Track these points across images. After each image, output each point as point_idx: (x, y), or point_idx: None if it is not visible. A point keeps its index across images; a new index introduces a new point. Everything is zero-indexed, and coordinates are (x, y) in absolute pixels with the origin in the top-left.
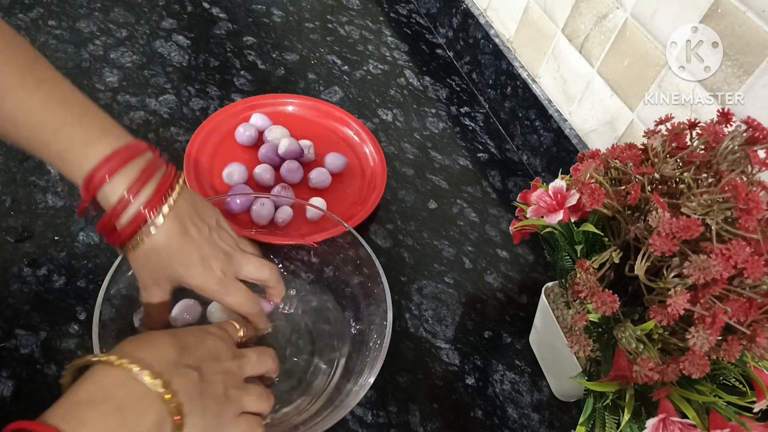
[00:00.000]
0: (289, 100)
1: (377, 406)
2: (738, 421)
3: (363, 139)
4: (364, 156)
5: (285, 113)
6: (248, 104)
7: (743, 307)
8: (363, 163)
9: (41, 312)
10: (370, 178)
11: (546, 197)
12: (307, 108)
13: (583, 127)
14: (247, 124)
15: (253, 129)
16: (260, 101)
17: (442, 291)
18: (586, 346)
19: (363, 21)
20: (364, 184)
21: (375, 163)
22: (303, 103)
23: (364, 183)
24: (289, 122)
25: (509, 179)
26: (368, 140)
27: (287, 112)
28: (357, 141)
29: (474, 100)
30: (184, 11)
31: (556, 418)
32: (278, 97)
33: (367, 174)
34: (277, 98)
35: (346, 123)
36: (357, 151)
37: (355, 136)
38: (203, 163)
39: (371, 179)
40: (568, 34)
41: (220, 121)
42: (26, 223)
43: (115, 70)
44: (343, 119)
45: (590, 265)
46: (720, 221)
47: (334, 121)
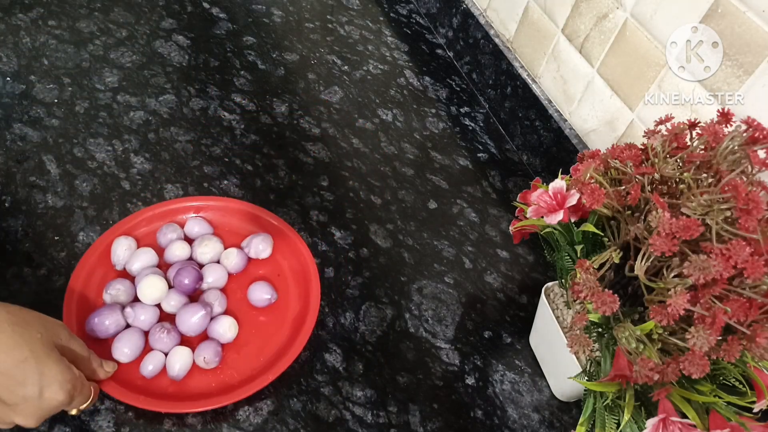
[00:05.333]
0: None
1: (377, 406)
2: (738, 421)
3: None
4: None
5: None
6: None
7: (743, 307)
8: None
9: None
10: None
11: (546, 197)
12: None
13: (583, 127)
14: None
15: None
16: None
17: (442, 291)
18: (586, 346)
19: (363, 21)
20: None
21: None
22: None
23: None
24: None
25: (509, 179)
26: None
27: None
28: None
29: (474, 100)
30: (184, 11)
31: (556, 418)
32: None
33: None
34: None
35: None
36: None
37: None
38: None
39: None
40: (568, 34)
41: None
42: (26, 223)
43: (115, 70)
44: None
45: (590, 265)
46: (720, 221)
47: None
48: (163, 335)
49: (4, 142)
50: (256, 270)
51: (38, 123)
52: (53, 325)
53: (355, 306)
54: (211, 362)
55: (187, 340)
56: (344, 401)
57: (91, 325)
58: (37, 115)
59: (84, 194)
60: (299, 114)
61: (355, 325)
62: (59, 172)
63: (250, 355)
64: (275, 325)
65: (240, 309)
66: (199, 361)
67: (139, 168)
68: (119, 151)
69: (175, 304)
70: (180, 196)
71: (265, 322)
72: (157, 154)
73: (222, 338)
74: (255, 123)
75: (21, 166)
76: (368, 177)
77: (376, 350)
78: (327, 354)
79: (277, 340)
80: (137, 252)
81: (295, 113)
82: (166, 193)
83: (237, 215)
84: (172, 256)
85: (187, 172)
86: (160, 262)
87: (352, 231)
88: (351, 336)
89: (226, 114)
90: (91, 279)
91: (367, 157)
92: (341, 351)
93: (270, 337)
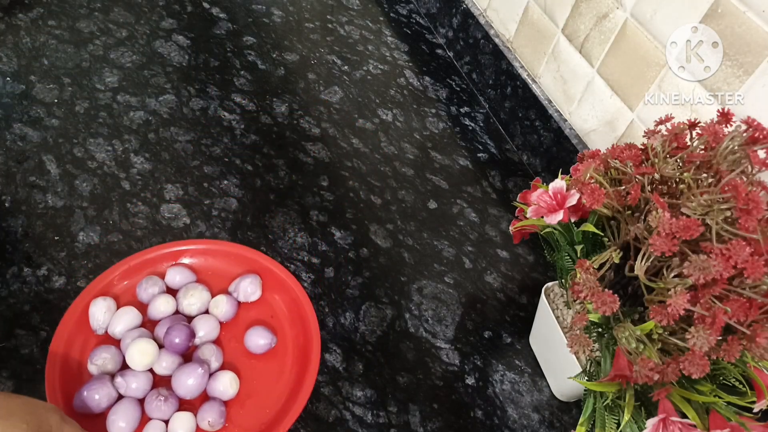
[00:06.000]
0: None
1: (377, 406)
2: (738, 421)
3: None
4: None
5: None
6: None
7: (743, 307)
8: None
9: (41, 312)
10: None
11: (546, 197)
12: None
13: (583, 127)
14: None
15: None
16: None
17: (442, 291)
18: (586, 346)
19: (363, 21)
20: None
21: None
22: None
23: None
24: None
25: (509, 179)
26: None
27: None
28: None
29: (474, 100)
30: (184, 11)
31: (556, 418)
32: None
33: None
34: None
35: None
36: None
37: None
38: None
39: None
40: (568, 34)
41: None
42: (26, 223)
43: (115, 70)
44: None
45: (590, 265)
46: (720, 221)
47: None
48: (161, 403)
49: (4, 142)
50: (248, 314)
51: (38, 123)
52: (41, 410)
53: (355, 306)
54: (217, 424)
55: (186, 403)
56: (344, 401)
57: (80, 401)
58: (37, 115)
59: (84, 194)
60: (299, 114)
61: (355, 325)
62: (59, 172)
63: (256, 409)
64: (277, 370)
65: (237, 359)
66: (204, 425)
67: (139, 168)
68: (119, 151)
69: (167, 365)
70: (180, 196)
71: (266, 369)
72: (157, 154)
73: (224, 395)
74: (255, 123)
75: (21, 166)
76: (368, 177)
77: (376, 350)
78: (327, 354)
79: (282, 386)
80: (118, 313)
81: (295, 113)
82: (166, 193)
83: (218, 256)
84: (156, 312)
85: (187, 172)
86: (144, 320)
87: (352, 231)
88: (351, 336)
89: (226, 114)
90: (71, 348)
91: (367, 157)
92: (341, 351)
93: (274, 384)
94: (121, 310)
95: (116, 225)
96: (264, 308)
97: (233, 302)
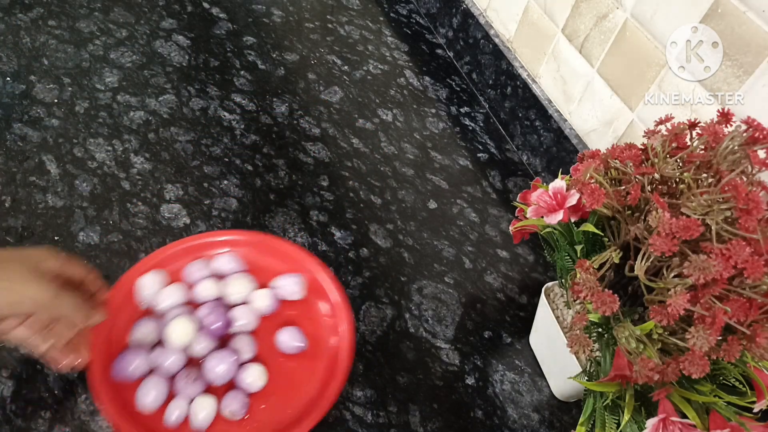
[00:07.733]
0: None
1: (377, 406)
2: (738, 421)
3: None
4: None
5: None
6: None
7: (743, 307)
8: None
9: None
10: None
11: (546, 197)
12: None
13: (583, 127)
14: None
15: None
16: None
17: (442, 291)
18: (586, 346)
19: (363, 21)
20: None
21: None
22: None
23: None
24: None
25: (509, 179)
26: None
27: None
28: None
29: (474, 100)
30: (184, 11)
31: (556, 418)
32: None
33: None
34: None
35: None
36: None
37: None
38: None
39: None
40: (568, 34)
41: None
42: (26, 223)
43: (115, 70)
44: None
45: (590, 265)
46: (720, 221)
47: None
48: (189, 382)
49: (4, 142)
50: (287, 312)
51: (38, 123)
52: (36, 255)
53: (355, 306)
54: (238, 414)
55: (212, 388)
56: (344, 401)
57: (118, 369)
58: (37, 115)
59: (84, 194)
60: (299, 114)
61: (355, 325)
62: (59, 172)
63: (277, 407)
64: (305, 374)
65: (269, 354)
66: (225, 413)
67: (139, 168)
68: (119, 151)
69: (202, 348)
70: (180, 196)
71: (295, 371)
72: (157, 154)
73: (250, 387)
74: (255, 123)
75: (21, 166)
76: (368, 177)
77: (376, 350)
78: None
79: (307, 391)
80: (166, 289)
81: (295, 113)
82: (166, 193)
83: (270, 253)
84: (200, 294)
85: (187, 172)
86: (187, 300)
87: (352, 231)
88: None
89: (226, 114)
90: (117, 318)
91: (367, 157)
92: None
93: (299, 387)
94: (169, 287)
95: (116, 225)
96: (304, 309)
97: (275, 298)
